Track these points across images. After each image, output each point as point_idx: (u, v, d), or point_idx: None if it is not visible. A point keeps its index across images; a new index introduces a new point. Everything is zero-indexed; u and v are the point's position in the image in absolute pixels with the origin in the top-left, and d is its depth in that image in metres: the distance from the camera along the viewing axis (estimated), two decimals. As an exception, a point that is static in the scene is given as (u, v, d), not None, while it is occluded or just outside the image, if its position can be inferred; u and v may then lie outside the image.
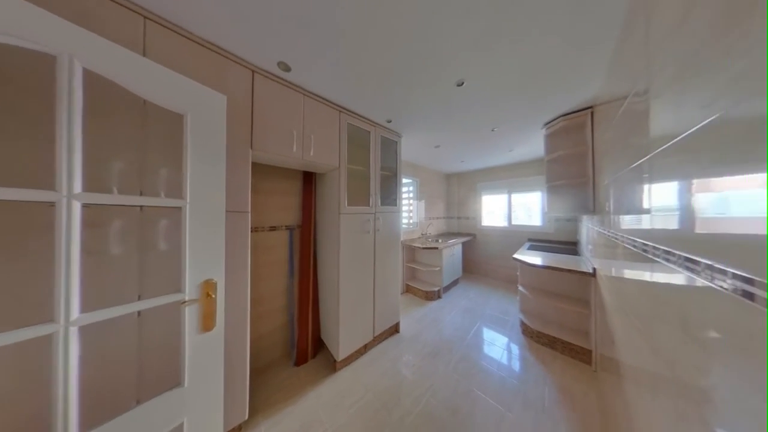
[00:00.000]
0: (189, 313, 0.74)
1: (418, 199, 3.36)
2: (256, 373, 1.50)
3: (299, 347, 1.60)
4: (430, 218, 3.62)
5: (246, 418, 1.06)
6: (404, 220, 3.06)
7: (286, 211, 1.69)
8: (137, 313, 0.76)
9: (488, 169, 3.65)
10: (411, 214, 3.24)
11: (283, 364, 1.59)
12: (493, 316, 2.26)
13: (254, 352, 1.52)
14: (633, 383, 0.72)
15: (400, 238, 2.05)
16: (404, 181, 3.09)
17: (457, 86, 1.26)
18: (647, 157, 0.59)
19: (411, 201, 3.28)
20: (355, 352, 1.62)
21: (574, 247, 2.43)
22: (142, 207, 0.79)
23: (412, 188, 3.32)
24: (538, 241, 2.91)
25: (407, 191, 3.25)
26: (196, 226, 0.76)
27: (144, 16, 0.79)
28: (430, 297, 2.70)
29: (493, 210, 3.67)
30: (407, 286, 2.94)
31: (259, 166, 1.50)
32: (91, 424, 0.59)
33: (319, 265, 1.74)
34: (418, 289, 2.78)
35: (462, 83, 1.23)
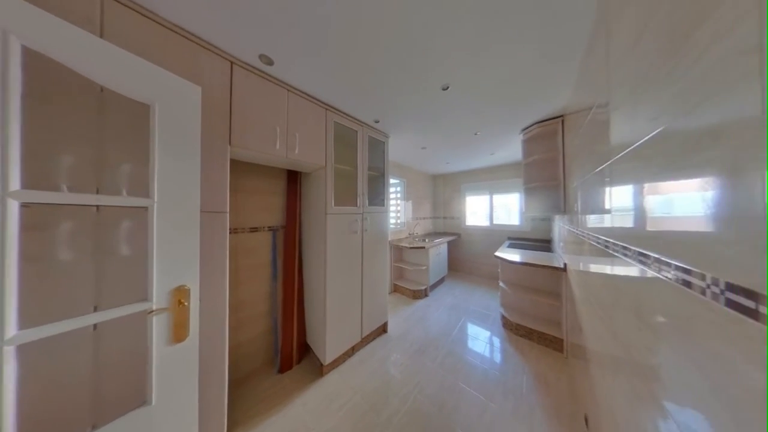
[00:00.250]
0: (157, 323, 0.68)
1: (405, 200, 3.40)
2: (236, 384, 1.42)
3: (283, 353, 1.54)
4: (417, 218, 3.68)
5: (224, 433, 0.99)
6: (392, 221, 3.08)
7: (269, 211, 1.61)
8: (93, 327, 0.68)
9: (472, 171, 3.81)
10: (398, 215, 3.28)
11: (265, 373, 1.52)
12: (476, 312, 2.37)
13: (234, 362, 1.43)
14: (597, 366, 0.79)
15: (388, 238, 2.06)
16: (392, 181, 3.11)
17: (443, 90, 1.30)
18: (608, 163, 0.66)
19: (398, 201, 3.31)
20: (343, 355, 1.60)
21: (548, 245, 2.63)
22: (98, 207, 0.70)
23: (399, 188, 3.35)
24: (517, 240, 3.10)
25: (395, 191, 3.28)
26: (166, 228, 0.69)
27: (101, -7, 0.70)
28: (417, 296, 2.75)
29: (477, 210, 3.84)
30: (395, 285, 2.97)
31: (239, 164, 1.42)
32: (35, 457, 0.51)
33: (305, 267, 1.69)
34: (406, 288, 2.82)
35: (447, 87, 1.27)
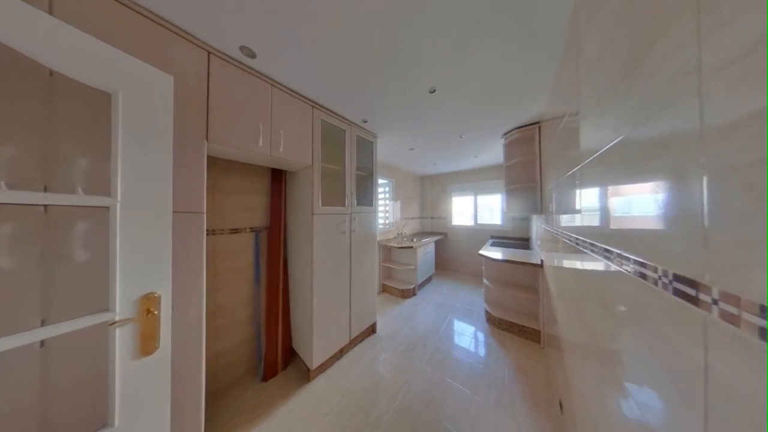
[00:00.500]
0: (122, 336, 0.61)
1: (393, 200, 3.42)
2: (216, 395, 1.33)
3: (267, 360, 1.47)
4: (405, 218, 3.73)
5: (201, 450, 0.92)
6: (380, 221, 3.08)
7: (251, 211, 1.53)
8: (39, 343, 0.59)
9: (458, 172, 3.94)
10: (387, 215, 3.29)
11: (248, 382, 1.44)
12: (462, 309, 2.45)
13: (212, 373, 1.34)
14: (570, 354, 0.86)
15: (377, 239, 2.06)
16: (380, 181, 3.11)
17: (430, 93, 1.33)
18: (578, 167, 0.72)
19: (387, 201, 3.32)
20: (331, 358, 1.57)
21: (527, 243, 2.80)
22: (46, 207, 0.62)
23: (387, 189, 3.37)
24: (499, 238, 3.26)
25: (383, 192, 3.28)
26: (133, 230, 0.63)
27: (51, -35, 0.62)
28: (405, 295, 2.78)
29: (462, 210, 3.98)
30: (384, 285, 2.97)
31: (218, 161, 1.33)
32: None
33: (290, 269, 1.63)
34: (395, 288, 2.84)
35: (434, 90, 1.30)
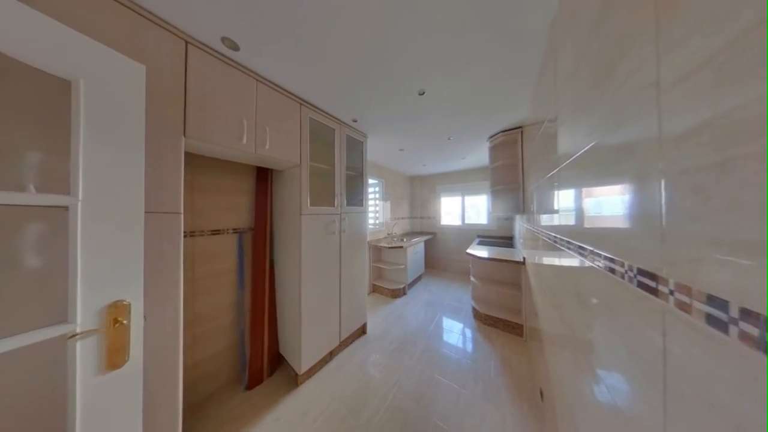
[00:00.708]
0: (83, 349, 0.55)
1: (383, 200, 3.43)
2: (196, 408, 1.24)
3: (252, 367, 1.41)
4: (395, 218, 3.75)
5: (179, 467, 0.86)
6: (370, 221, 3.07)
7: (235, 211, 1.46)
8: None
9: (446, 173, 4.04)
10: (377, 215, 3.29)
11: (231, 391, 1.36)
12: (451, 306, 2.51)
13: (191, 384, 1.25)
14: (549, 345, 0.92)
15: (367, 239, 2.05)
16: (370, 181, 3.11)
17: (419, 95, 1.35)
18: (556, 170, 0.77)
19: (377, 201, 3.32)
20: (320, 361, 1.54)
21: (510, 241, 2.94)
22: (-9, 206, 0.55)
23: (378, 189, 3.37)
24: (485, 237, 3.39)
25: (373, 192, 3.28)
26: (97, 232, 0.57)
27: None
28: (396, 294, 2.80)
29: (451, 211, 4.09)
30: (374, 286, 2.97)
31: (198, 159, 1.25)
32: None
33: (277, 271, 1.57)
34: (385, 288, 2.84)
35: (423, 92, 1.32)
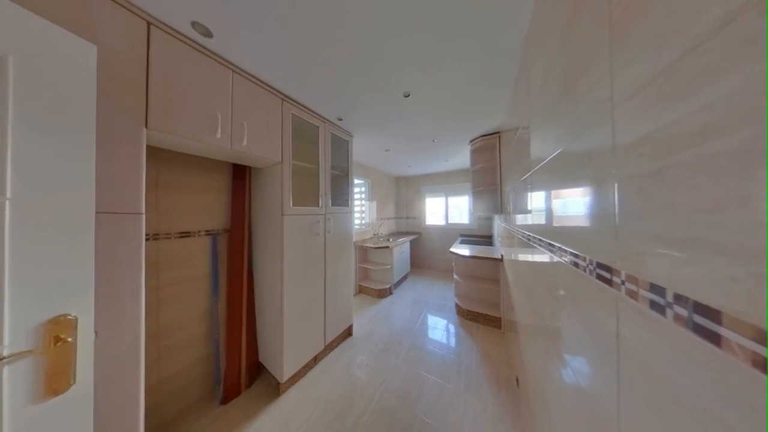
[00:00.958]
0: (13, 374, 0.47)
1: (370, 200, 3.42)
2: (161, 429, 1.12)
3: (228, 380, 1.31)
4: (381, 219, 3.76)
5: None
6: (356, 221, 3.04)
7: (207, 212, 1.34)
8: None
9: (431, 174, 4.15)
10: (363, 215, 3.27)
11: (204, 407, 1.25)
12: (435, 304, 2.59)
13: (155, 404, 1.12)
14: (524, 335, 0.99)
15: (353, 239, 2.03)
16: (356, 181, 3.08)
17: (405, 97, 1.37)
18: (529, 173, 0.83)
19: (363, 202, 3.30)
20: (304, 367, 1.48)
21: (490, 240, 3.12)
22: None
23: (364, 189, 3.35)
24: (467, 236, 3.55)
25: (359, 192, 3.25)
26: (32, 236, 0.49)
27: None
28: (382, 294, 2.80)
29: (435, 211, 4.21)
30: (360, 286, 2.94)
31: (163, 153, 1.13)
32: None
33: (257, 275, 1.48)
34: (371, 289, 2.83)
35: (408, 95, 1.35)
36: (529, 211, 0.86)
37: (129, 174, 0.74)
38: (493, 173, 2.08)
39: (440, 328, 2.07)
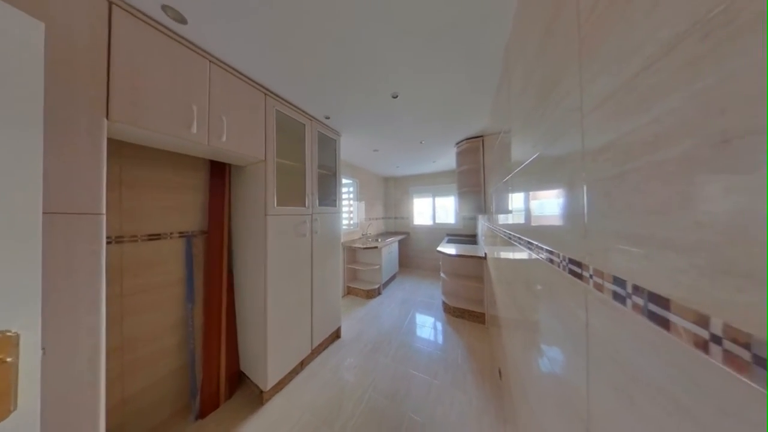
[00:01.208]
0: (-66, 406, 0.39)
1: (358, 200, 3.39)
2: (123, 454, 1.01)
3: (205, 392, 1.22)
4: (370, 219, 3.74)
5: None
6: (344, 222, 3.00)
7: (182, 212, 1.24)
8: None
9: (418, 175, 4.23)
10: (351, 215, 3.23)
11: (177, 424, 1.16)
12: (423, 302, 2.63)
13: (117, 425, 1.02)
14: (506, 329, 1.04)
15: (341, 240, 2.00)
16: (344, 181, 3.03)
17: (393, 98, 1.38)
18: (510, 175, 0.88)
19: (351, 202, 3.26)
20: (290, 373, 1.43)
21: (474, 239, 3.24)
22: None
23: (352, 189, 3.31)
24: (453, 235, 3.67)
25: (347, 192, 3.21)
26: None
27: None
28: (371, 295, 2.79)
29: (422, 211, 4.29)
30: (348, 288, 2.90)
31: (129, 148, 1.03)
32: None
33: (237, 279, 1.40)
34: (360, 289, 2.81)
35: (396, 96, 1.36)
36: (510, 211, 0.91)
37: (87, 170, 0.66)
38: (477, 175, 2.17)
39: (428, 326, 2.11)
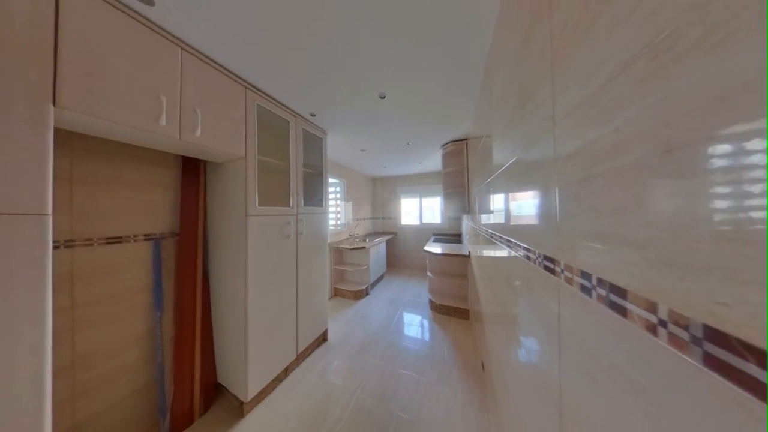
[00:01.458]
0: None
1: (345, 200, 3.34)
2: (75, 486, 0.89)
3: (176, 409, 1.12)
4: (357, 219, 3.71)
5: None
6: (331, 222, 2.94)
7: (148, 212, 1.13)
8: None
9: (406, 176, 4.28)
10: (338, 215, 3.18)
11: (142, 446, 1.05)
12: (411, 301, 2.67)
13: (68, 454, 0.89)
14: (488, 324, 1.10)
15: (328, 241, 1.96)
16: (331, 181, 2.97)
17: (380, 98, 1.38)
18: (492, 177, 0.93)
19: (338, 202, 3.21)
20: (273, 380, 1.37)
21: (459, 238, 3.37)
22: None
23: (339, 189, 3.26)
24: (440, 235, 3.77)
25: (334, 192, 3.15)
26: None
27: None
28: (359, 296, 2.77)
29: (409, 211, 4.35)
30: (335, 289, 2.85)
31: (83, 140, 0.91)
32: None
33: (214, 284, 1.31)
34: (347, 291, 2.78)
35: (384, 96, 1.36)
36: (492, 212, 0.96)
37: (28, 164, 0.57)
38: (461, 176, 2.25)
39: (415, 324, 2.15)
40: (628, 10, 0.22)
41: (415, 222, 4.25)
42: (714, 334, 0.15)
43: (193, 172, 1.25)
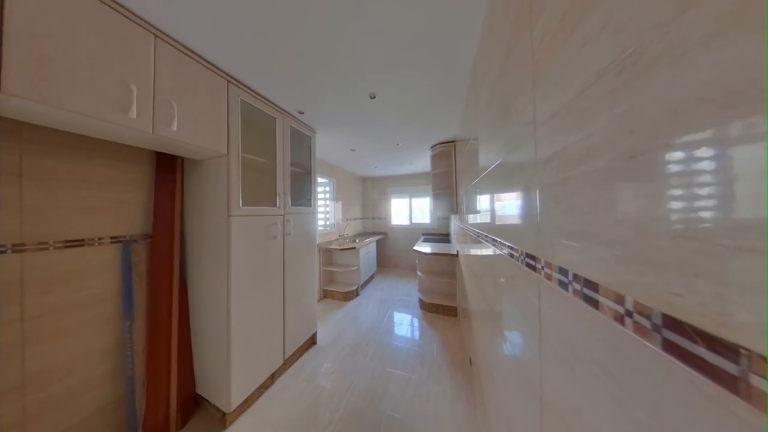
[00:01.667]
0: None
1: (335, 200, 3.29)
2: None
3: (148, 425, 1.04)
4: (347, 219, 3.67)
5: None
6: (320, 222, 2.88)
7: (115, 212, 1.04)
8: None
9: (396, 176, 4.31)
10: (328, 216, 3.12)
11: (108, 470, 0.95)
12: (401, 301, 2.69)
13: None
14: (475, 320, 1.14)
15: (317, 242, 1.91)
16: (320, 180, 2.91)
17: (371, 98, 1.38)
18: (478, 179, 0.96)
19: (327, 202, 3.15)
20: (259, 388, 1.31)
21: (447, 237, 3.45)
22: None
23: (328, 189, 3.20)
24: (429, 235, 3.84)
25: (323, 192, 3.09)
26: None
27: None
28: (348, 297, 2.74)
29: (399, 211, 4.39)
30: (325, 291, 2.80)
31: (36, 131, 0.81)
32: None
33: (192, 289, 1.23)
34: (337, 292, 2.73)
35: (374, 96, 1.36)
36: (478, 212, 1.00)
37: (-36, 157, 0.50)
38: (450, 177, 2.31)
39: (405, 324, 2.17)
40: (598, 27, 0.24)
41: (405, 222, 4.29)
42: (671, 322, 0.17)
43: (168, 169, 1.17)
